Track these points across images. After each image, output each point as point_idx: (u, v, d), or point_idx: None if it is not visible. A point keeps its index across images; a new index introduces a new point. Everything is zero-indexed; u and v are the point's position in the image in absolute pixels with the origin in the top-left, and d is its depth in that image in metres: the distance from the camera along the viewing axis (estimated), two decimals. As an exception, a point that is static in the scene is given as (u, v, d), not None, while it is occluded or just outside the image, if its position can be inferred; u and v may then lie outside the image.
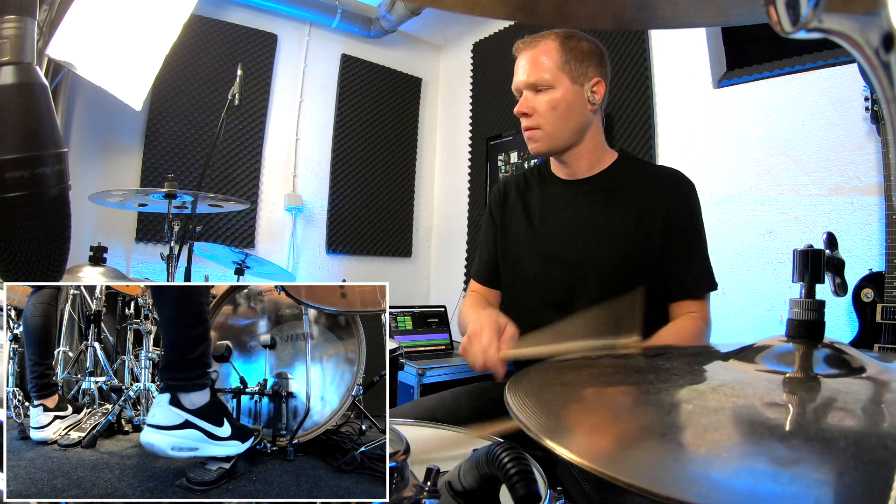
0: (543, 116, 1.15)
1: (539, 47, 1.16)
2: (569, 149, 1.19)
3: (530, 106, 1.15)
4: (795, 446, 0.35)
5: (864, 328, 1.57)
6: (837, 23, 0.25)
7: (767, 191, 2.03)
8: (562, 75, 1.13)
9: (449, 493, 0.55)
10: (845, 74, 1.78)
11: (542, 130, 1.16)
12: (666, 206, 1.14)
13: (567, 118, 1.15)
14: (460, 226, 3.52)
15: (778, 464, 0.33)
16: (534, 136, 1.17)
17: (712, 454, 0.35)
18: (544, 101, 1.14)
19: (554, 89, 1.14)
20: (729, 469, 0.33)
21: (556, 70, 1.13)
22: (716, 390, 0.44)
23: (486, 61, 3.43)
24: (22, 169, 0.61)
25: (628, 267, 1.14)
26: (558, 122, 1.15)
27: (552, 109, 1.14)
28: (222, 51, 2.92)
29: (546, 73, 1.13)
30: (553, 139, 1.16)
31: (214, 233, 2.92)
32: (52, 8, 1.31)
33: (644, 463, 0.34)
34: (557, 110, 1.14)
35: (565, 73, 1.14)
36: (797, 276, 0.51)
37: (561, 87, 1.14)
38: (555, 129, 1.15)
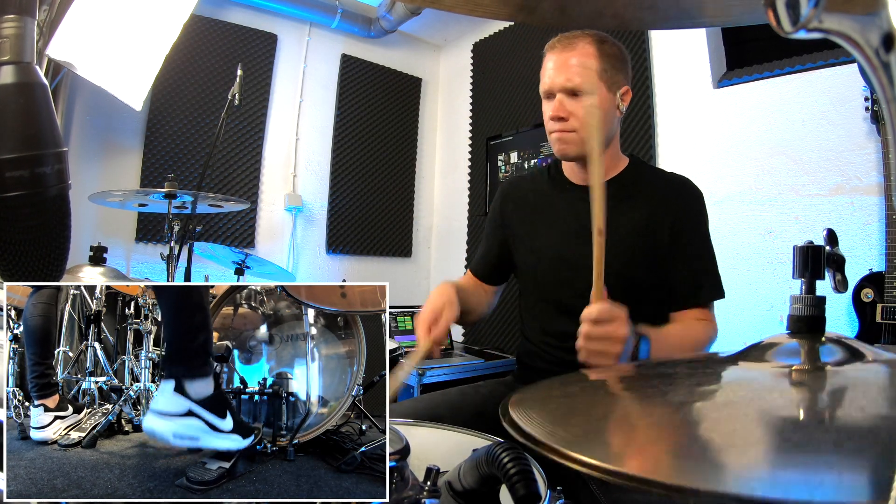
0: (580, 121, 1.12)
1: (577, 50, 1.12)
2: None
3: (568, 111, 1.12)
4: (812, 431, 0.35)
5: (864, 328, 1.57)
6: (837, 23, 0.25)
7: (767, 191, 2.03)
8: (600, 83, 1.12)
9: (449, 493, 0.55)
10: (845, 74, 1.78)
11: (577, 134, 1.13)
12: (674, 214, 1.14)
13: (601, 127, 1.13)
14: (460, 226, 3.52)
15: (797, 448, 0.33)
16: (566, 138, 1.14)
17: (729, 444, 0.35)
18: (583, 107, 1.11)
19: (592, 96, 1.11)
20: (748, 457, 0.33)
21: (594, 77, 1.11)
22: (723, 387, 0.44)
23: (486, 61, 3.43)
24: (22, 168, 0.61)
25: (635, 272, 1.14)
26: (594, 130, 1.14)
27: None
28: (222, 51, 2.92)
29: (586, 81, 1.10)
30: (585, 145, 1.14)
31: (214, 233, 2.92)
32: (52, 8, 1.31)
33: (662, 459, 0.34)
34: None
35: (603, 81, 1.12)
36: (797, 272, 0.51)
37: (599, 95, 1.12)
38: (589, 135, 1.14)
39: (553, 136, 1.17)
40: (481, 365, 2.61)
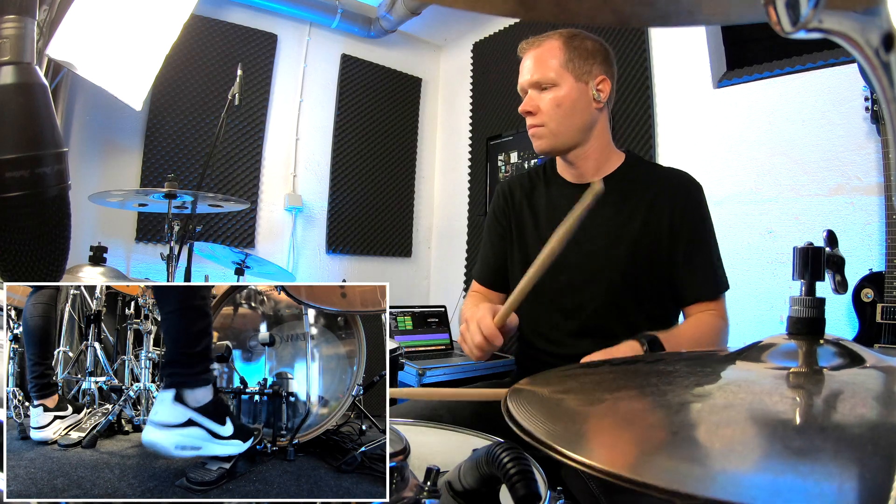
0: (547, 114, 1.14)
1: (543, 46, 1.16)
2: (574, 148, 1.18)
3: (534, 104, 1.15)
4: (811, 437, 0.35)
5: (864, 328, 1.57)
6: (837, 23, 0.25)
7: (767, 191, 2.03)
8: (566, 73, 1.13)
9: (449, 493, 0.55)
10: (845, 74, 1.78)
11: (547, 128, 1.15)
12: (673, 209, 1.14)
13: (571, 116, 1.15)
14: (460, 226, 3.52)
15: (796, 455, 0.33)
16: (538, 133, 1.17)
17: (728, 449, 0.35)
18: (548, 99, 1.14)
19: (558, 87, 1.13)
20: (747, 463, 0.33)
21: (559, 68, 1.13)
22: (722, 388, 0.44)
23: (486, 61, 3.43)
24: (22, 169, 0.61)
25: (636, 270, 1.14)
26: (563, 119, 1.14)
27: (556, 107, 1.13)
28: (222, 51, 2.92)
29: (550, 72, 1.13)
30: (557, 137, 1.16)
31: (214, 233, 2.92)
32: (52, 8, 1.31)
33: (660, 463, 0.34)
34: (562, 108, 1.13)
35: (569, 70, 1.13)
36: (797, 273, 0.51)
37: (565, 84, 1.13)
38: (559, 127, 1.15)
39: (529, 132, 1.19)
40: (481, 365, 2.61)
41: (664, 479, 0.29)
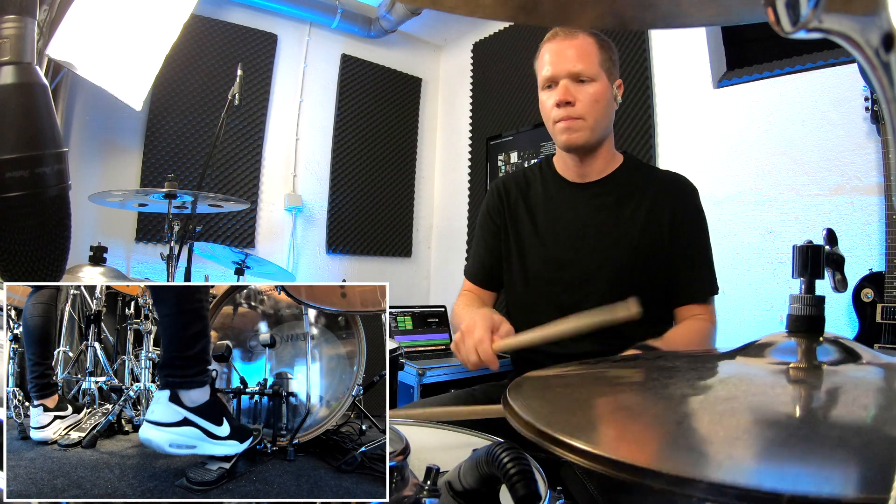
0: (587, 107, 1.12)
1: (579, 39, 1.14)
2: (599, 145, 1.19)
3: (574, 95, 1.12)
4: (815, 427, 0.35)
5: (864, 328, 1.57)
6: (837, 23, 0.25)
7: (767, 191, 2.03)
8: (601, 71, 1.14)
9: (449, 493, 0.55)
10: (845, 74, 1.78)
11: (585, 122, 1.13)
12: (672, 211, 1.14)
13: (606, 114, 1.15)
14: (460, 226, 3.52)
15: (803, 444, 0.33)
16: (575, 125, 1.13)
17: (732, 437, 0.35)
18: (590, 93, 1.12)
19: (596, 82, 1.13)
20: (753, 450, 0.33)
21: (598, 65, 1.13)
22: (723, 382, 0.44)
23: (486, 61, 3.43)
24: (22, 169, 0.61)
25: (634, 271, 1.14)
26: (600, 115, 1.14)
27: (595, 102, 1.13)
28: (222, 51, 2.92)
29: (592, 66, 1.12)
30: (594, 132, 1.15)
31: (214, 233, 2.92)
32: (52, 8, 1.31)
33: (667, 451, 0.34)
34: (600, 104, 1.13)
35: (604, 69, 1.14)
36: (797, 272, 0.51)
37: (601, 81, 1.13)
38: (597, 123, 1.14)
39: (559, 125, 1.15)
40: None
41: (671, 464, 0.29)
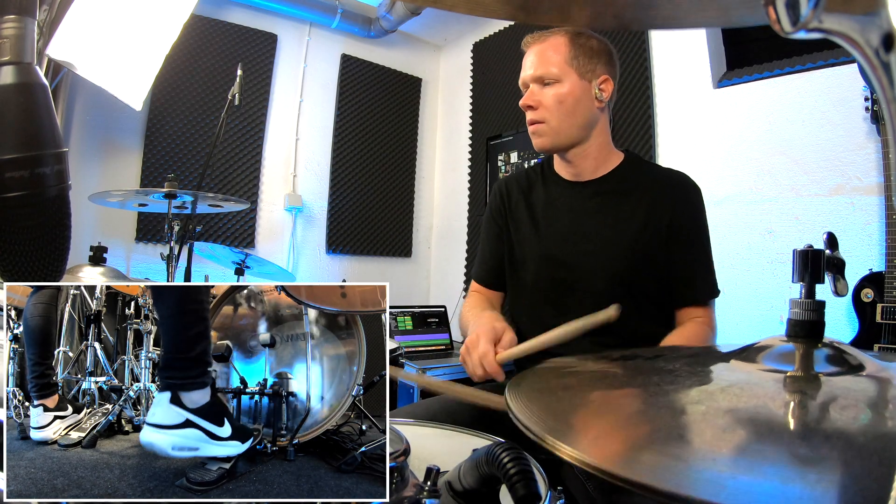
0: (549, 110, 1.13)
1: (548, 42, 1.14)
2: (573, 146, 1.17)
3: (536, 99, 1.13)
4: (816, 444, 0.35)
5: (864, 328, 1.57)
6: (837, 23, 0.25)
7: (767, 191, 2.03)
8: (570, 70, 1.12)
9: (449, 493, 0.55)
10: (845, 74, 1.78)
11: (547, 125, 1.14)
12: (672, 211, 1.13)
13: (573, 114, 1.13)
14: (460, 226, 3.52)
15: (802, 463, 0.32)
16: (538, 130, 1.15)
17: (735, 455, 0.35)
18: (551, 95, 1.12)
19: (561, 83, 1.12)
20: (755, 469, 0.33)
21: (563, 64, 1.12)
22: (725, 391, 0.44)
23: (486, 61, 3.43)
24: (22, 169, 0.61)
25: (633, 270, 1.13)
26: (564, 117, 1.13)
27: (558, 104, 1.12)
28: (222, 51, 2.92)
29: (553, 67, 1.12)
30: (558, 135, 1.14)
31: (214, 233, 2.92)
32: (52, 8, 1.31)
33: (667, 466, 0.34)
34: (564, 105, 1.12)
35: (573, 68, 1.12)
36: (797, 276, 0.51)
37: (568, 81, 1.12)
38: (560, 125, 1.13)
39: (529, 129, 1.17)
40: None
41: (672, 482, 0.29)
